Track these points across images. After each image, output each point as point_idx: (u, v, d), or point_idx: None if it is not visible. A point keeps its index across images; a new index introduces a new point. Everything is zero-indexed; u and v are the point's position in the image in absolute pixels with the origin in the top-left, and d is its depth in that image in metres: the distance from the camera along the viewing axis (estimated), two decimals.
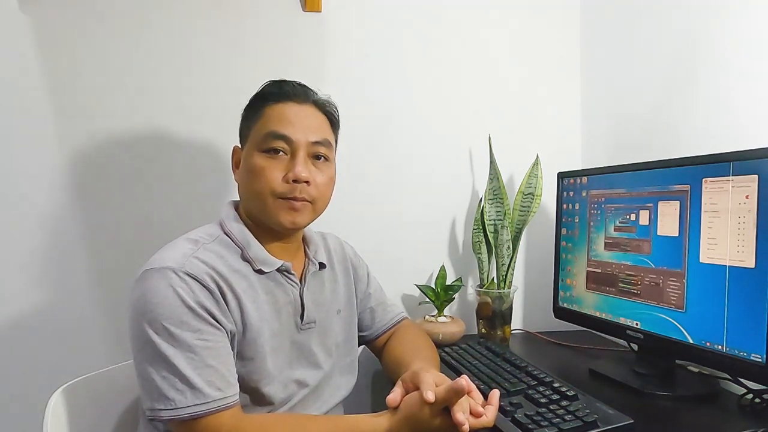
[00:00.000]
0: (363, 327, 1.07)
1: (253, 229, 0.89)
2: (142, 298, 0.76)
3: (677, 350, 0.95)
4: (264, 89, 0.91)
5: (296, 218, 0.86)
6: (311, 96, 0.91)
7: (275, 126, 0.85)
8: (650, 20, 1.26)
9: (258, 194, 0.85)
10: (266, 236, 0.89)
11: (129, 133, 1.28)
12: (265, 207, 0.85)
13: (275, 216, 0.85)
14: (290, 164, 0.85)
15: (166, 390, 0.73)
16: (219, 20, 1.31)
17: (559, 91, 1.51)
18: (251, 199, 0.87)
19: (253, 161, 0.85)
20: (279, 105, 0.87)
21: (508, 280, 1.33)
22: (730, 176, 0.86)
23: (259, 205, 0.86)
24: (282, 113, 0.86)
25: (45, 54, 1.23)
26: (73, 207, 1.26)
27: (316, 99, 0.91)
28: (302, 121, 0.87)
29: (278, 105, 0.87)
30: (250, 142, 0.88)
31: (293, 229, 0.88)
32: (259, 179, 0.84)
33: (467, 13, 1.45)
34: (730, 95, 1.05)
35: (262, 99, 0.89)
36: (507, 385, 0.92)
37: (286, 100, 0.88)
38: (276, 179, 0.84)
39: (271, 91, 0.89)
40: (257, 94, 0.91)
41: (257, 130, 0.87)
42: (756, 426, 0.80)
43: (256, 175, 0.85)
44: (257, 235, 0.88)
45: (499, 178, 1.34)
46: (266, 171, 0.84)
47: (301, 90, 0.90)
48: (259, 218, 0.88)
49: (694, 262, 0.91)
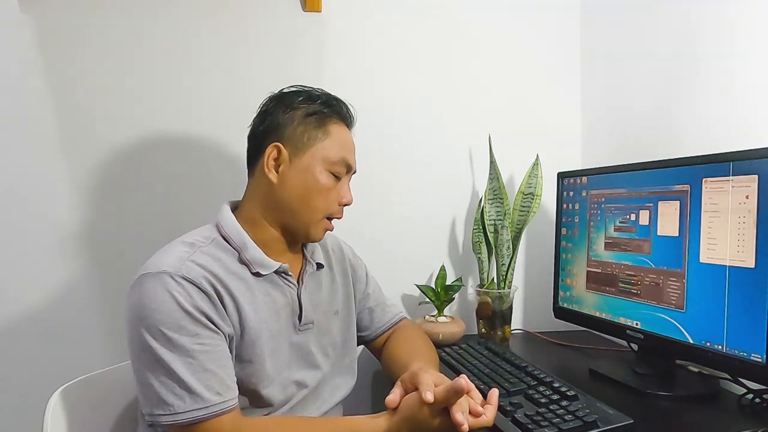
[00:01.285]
0: (362, 327, 1.07)
1: (256, 230, 0.88)
2: (138, 303, 0.75)
3: (677, 350, 0.95)
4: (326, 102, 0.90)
5: (323, 236, 0.93)
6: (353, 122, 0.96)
7: (347, 154, 0.90)
8: (650, 20, 1.26)
9: (315, 209, 0.88)
10: (272, 239, 0.89)
11: (129, 133, 1.28)
12: (311, 221, 0.88)
13: (315, 232, 0.90)
14: (342, 189, 0.91)
15: (164, 395, 0.73)
16: (219, 20, 1.31)
17: (559, 91, 1.51)
18: (301, 210, 0.88)
19: (318, 177, 0.87)
20: (341, 127, 0.91)
21: (508, 280, 1.32)
22: (730, 176, 0.85)
23: (307, 218, 0.88)
24: (347, 139, 0.92)
25: (45, 54, 1.23)
26: (73, 207, 1.26)
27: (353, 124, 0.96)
28: (354, 151, 0.94)
29: (340, 127, 0.91)
30: (316, 155, 0.87)
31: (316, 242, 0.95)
32: (325, 198, 0.88)
33: (467, 13, 1.45)
34: (730, 95, 1.05)
35: (327, 114, 0.90)
36: (507, 385, 0.92)
37: (347, 123, 0.93)
38: (334, 202, 0.90)
39: (337, 109, 0.92)
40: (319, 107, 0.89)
41: (326, 148, 0.88)
42: (756, 426, 0.80)
43: (319, 192, 0.87)
44: (258, 236, 0.88)
45: (499, 178, 1.34)
46: (332, 193, 0.89)
47: (351, 114, 0.95)
48: (293, 226, 0.89)
49: (694, 262, 0.91)
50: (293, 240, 0.92)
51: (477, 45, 1.46)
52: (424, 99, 1.43)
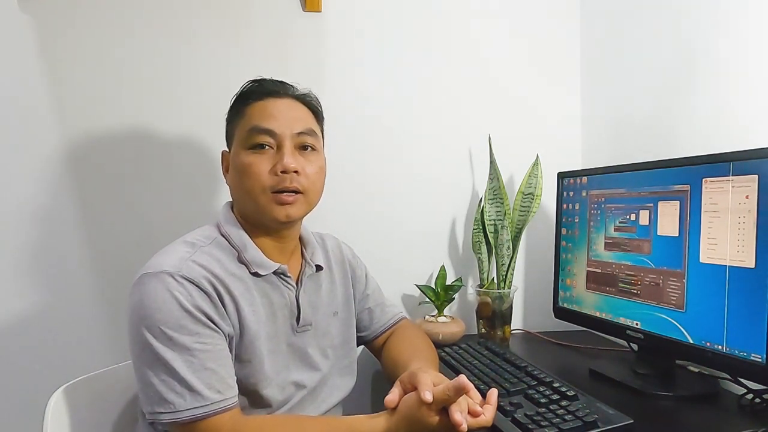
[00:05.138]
0: (361, 328, 1.07)
1: (250, 230, 0.88)
2: (139, 302, 0.76)
3: (677, 350, 0.95)
4: (243, 90, 0.91)
5: (289, 211, 0.85)
6: (290, 90, 0.91)
7: (258, 121, 0.86)
8: (650, 20, 1.26)
9: (249, 191, 0.85)
10: (263, 237, 0.89)
11: (129, 133, 1.28)
12: (258, 203, 0.85)
13: (269, 211, 0.84)
14: (277, 157, 0.85)
15: (165, 393, 0.73)
16: (219, 21, 1.31)
17: (559, 91, 1.51)
18: (244, 199, 0.87)
19: (240, 160, 0.86)
20: (259, 102, 0.88)
21: (508, 280, 1.32)
22: (730, 176, 0.85)
23: (251, 203, 0.86)
24: (263, 109, 0.87)
25: (45, 54, 1.24)
26: (74, 207, 1.26)
27: (295, 93, 0.92)
28: (284, 114, 0.87)
29: (259, 102, 0.88)
30: (236, 142, 0.88)
31: (288, 222, 0.87)
32: (248, 176, 0.84)
33: (467, 13, 1.45)
34: (730, 95, 1.05)
35: (243, 99, 0.90)
36: (507, 385, 0.92)
37: (266, 96, 0.88)
38: (264, 173, 0.84)
39: (250, 90, 0.90)
40: (238, 96, 0.91)
41: (241, 129, 0.87)
42: (756, 426, 0.80)
43: (244, 172, 0.85)
44: (254, 236, 0.88)
45: (499, 178, 1.34)
46: (254, 167, 0.84)
47: (280, 85, 0.91)
48: (254, 217, 0.88)
49: (694, 262, 0.91)
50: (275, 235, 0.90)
51: (477, 45, 1.45)
52: (424, 99, 1.43)
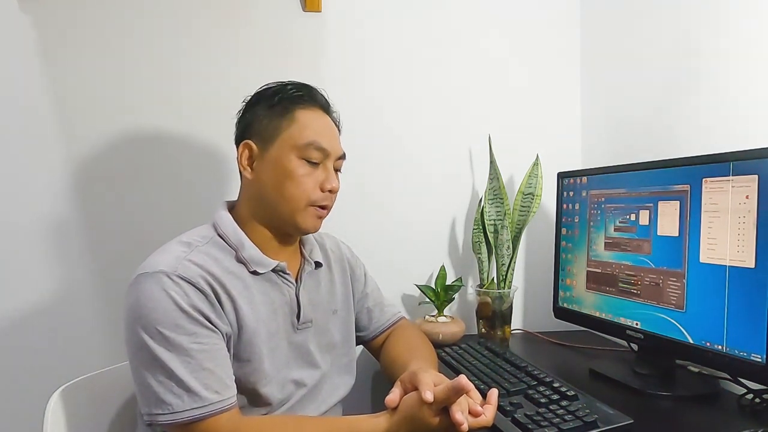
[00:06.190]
0: (360, 327, 1.07)
1: (249, 229, 0.88)
2: (135, 302, 0.75)
3: (677, 350, 0.95)
4: (291, 90, 0.89)
5: (318, 224, 0.90)
6: (332, 110, 0.94)
7: (316, 137, 0.87)
8: (650, 20, 1.26)
9: (290, 198, 0.86)
10: (265, 236, 0.89)
11: (129, 133, 1.28)
12: (296, 212, 0.86)
13: (303, 221, 0.87)
14: (322, 174, 0.88)
15: (163, 394, 0.73)
16: (219, 21, 1.31)
17: (559, 91, 1.51)
18: (278, 200, 0.86)
19: (291, 165, 0.86)
20: (310, 112, 0.89)
21: (508, 280, 1.32)
22: (730, 176, 0.85)
23: (286, 207, 0.86)
24: (317, 123, 0.89)
25: (45, 53, 1.24)
26: (73, 207, 1.26)
27: (334, 113, 0.95)
28: (332, 134, 0.91)
29: (309, 111, 0.89)
30: (284, 144, 0.86)
31: (312, 233, 0.93)
32: (297, 185, 0.86)
33: (467, 13, 1.45)
34: (730, 95, 1.05)
35: (292, 101, 0.88)
36: (507, 385, 0.92)
37: (317, 107, 0.90)
38: (315, 188, 0.87)
39: (301, 94, 0.89)
40: (284, 95, 0.89)
41: (293, 134, 0.86)
42: (756, 426, 0.80)
43: (293, 179, 0.85)
44: (253, 235, 0.88)
45: (499, 178, 1.34)
46: (306, 178, 0.86)
47: (327, 101, 0.93)
48: (279, 219, 0.88)
49: (694, 262, 0.91)
50: (286, 236, 0.91)
51: (477, 45, 1.45)
52: (424, 99, 1.43)
